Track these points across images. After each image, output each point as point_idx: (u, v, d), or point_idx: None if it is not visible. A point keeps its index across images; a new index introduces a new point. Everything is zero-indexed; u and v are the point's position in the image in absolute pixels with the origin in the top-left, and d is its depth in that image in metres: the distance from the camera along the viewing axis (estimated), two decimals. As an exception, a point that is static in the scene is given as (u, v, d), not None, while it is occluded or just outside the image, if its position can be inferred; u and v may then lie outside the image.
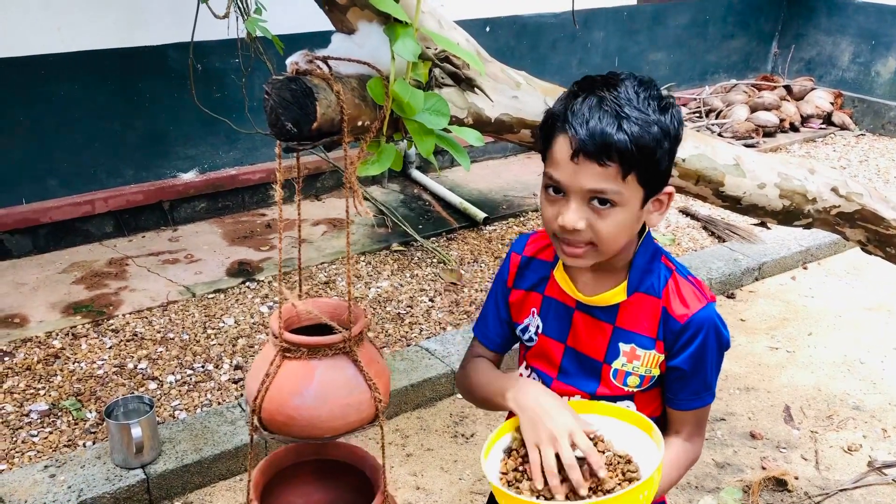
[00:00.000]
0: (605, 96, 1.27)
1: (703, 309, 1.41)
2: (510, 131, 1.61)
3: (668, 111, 1.29)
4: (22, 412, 3.12)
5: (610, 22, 6.38)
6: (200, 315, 3.85)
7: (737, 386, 3.63)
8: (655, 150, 1.26)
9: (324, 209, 4.96)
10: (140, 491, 2.78)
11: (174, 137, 4.67)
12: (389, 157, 1.36)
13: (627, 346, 1.44)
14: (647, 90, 1.29)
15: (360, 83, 1.31)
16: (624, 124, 1.24)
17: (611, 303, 1.44)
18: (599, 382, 1.48)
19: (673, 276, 1.44)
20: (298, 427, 1.40)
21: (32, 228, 4.27)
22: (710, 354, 1.44)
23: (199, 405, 3.23)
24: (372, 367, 1.46)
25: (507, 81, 1.59)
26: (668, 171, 1.33)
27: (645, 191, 1.31)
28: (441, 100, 1.35)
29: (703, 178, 1.80)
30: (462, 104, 1.49)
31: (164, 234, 4.67)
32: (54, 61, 4.13)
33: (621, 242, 1.36)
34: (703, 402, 1.48)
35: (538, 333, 1.54)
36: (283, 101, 1.20)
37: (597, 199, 1.29)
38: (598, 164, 1.25)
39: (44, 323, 3.70)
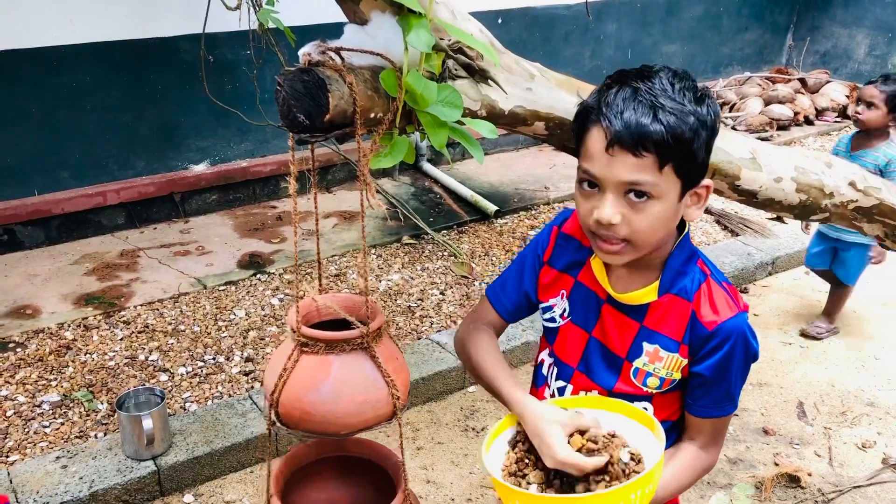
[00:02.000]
0: (640, 87, 1.24)
1: (734, 318, 1.37)
2: (524, 123, 1.59)
3: (704, 102, 1.26)
4: (34, 403, 3.13)
5: (623, 14, 6.34)
6: (211, 307, 3.85)
7: (749, 381, 3.60)
8: (692, 140, 1.24)
9: (335, 202, 4.95)
10: (151, 482, 2.78)
11: (186, 129, 4.66)
12: (402, 149, 1.34)
13: (651, 346, 1.42)
14: (682, 81, 1.26)
15: (372, 75, 1.29)
16: (660, 114, 1.21)
17: (641, 301, 1.41)
18: (619, 378, 1.46)
19: (707, 280, 1.40)
20: (314, 422, 1.39)
21: (44, 220, 4.28)
22: (736, 364, 1.39)
23: (210, 397, 3.23)
24: (390, 363, 1.45)
25: (520, 73, 1.57)
26: (705, 163, 1.30)
27: (682, 183, 1.27)
28: (454, 91, 1.33)
29: (719, 171, 1.78)
30: (475, 96, 1.48)
31: (175, 226, 4.67)
32: (67, 53, 4.13)
33: (658, 237, 1.32)
34: (723, 412, 1.44)
35: (563, 317, 1.52)
36: (295, 93, 1.19)
37: (633, 192, 1.25)
38: (633, 155, 1.23)
39: (56, 314, 3.71)
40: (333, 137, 1.34)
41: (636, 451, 1.33)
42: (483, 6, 5.46)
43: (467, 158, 5.69)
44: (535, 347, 3.48)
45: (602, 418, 1.39)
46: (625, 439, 1.35)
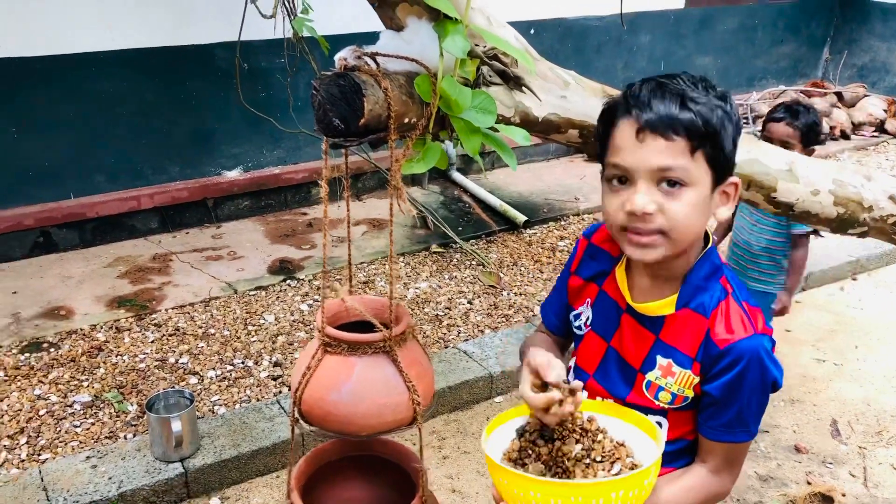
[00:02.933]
0: (666, 82, 1.26)
1: (749, 339, 1.32)
2: (558, 131, 1.58)
3: (727, 100, 1.28)
4: (66, 403, 3.17)
5: (656, 25, 6.31)
6: (241, 311, 3.88)
7: (781, 398, 3.55)
8: (720, 129, 1.25)
9: (364, 209, 4.97)
10: (178, 484, 2.80)
11: (219, 136, 4.72)
12: (435, 155, 1.34)
13: (665, 360, 1.39)
14: (704, 82, 1.28)
15: (407, 80, 1.29)
16: (688, 103, 1.23)
17: (658, 313, 1.39)
18: (632, 390, 1.45)
19: (727, 298, 1.36)
20: (335, 422, 1.40)
21: (79, 223, 4.35)
22: (749, 388, 1.33)
23: (239, 401, 3.24)
24: (413, 368, 1.45)
25: (555, 81, 1.56)
26: (732, 158, 1.30)
27: (713, 173, 1.27)
28: (488, 98, 1.33)
29: (755, 182, 1.75)
30: (510, 103, 1.47)
31: (207, 231, 4.72)
32: (104, 59, 4.20)
33: (694, 230, 1.30)
34: (735, 438, 1.38)
35: (587, 325, 1.52)
36: (331, 97, 1.19)
37: (666, 182, 1.24)
38: (664, 139, 1.23)
39: (89, 316, 3.76)
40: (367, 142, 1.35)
41: (639, 462, 1.32)
42: (516, 16, 5.46)
43: (497, 168, 5.69)
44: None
45: (614, 426, 1.38)
46: (631, 450, 1.34)
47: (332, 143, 1.23)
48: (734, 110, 1.29)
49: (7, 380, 3.28)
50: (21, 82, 4.03)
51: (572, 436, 1.36)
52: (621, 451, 1.35)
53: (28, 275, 4.10)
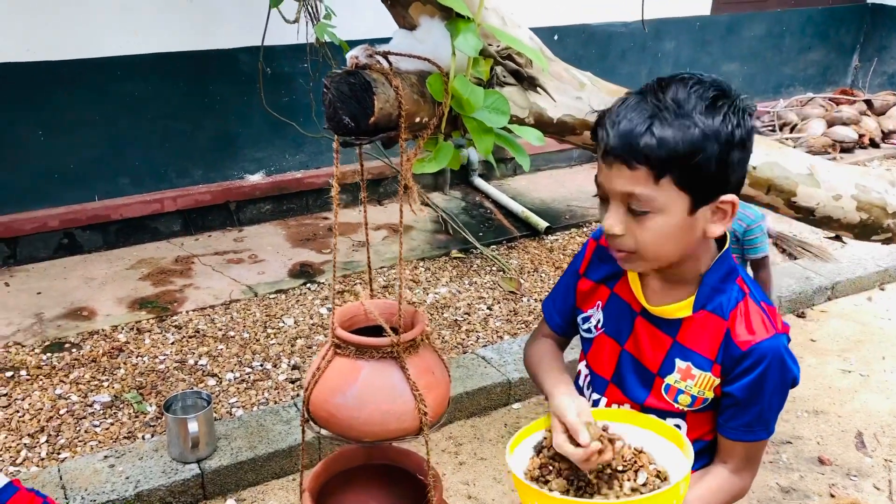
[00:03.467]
0: (648, 97, 1.23)
1: (770, 339, 1.32)
2: (573, 133, 1.57)
3: (722, 113, 1.21)
4: (86, 402, 3.20)
5: (682, 31, 6.26)
6: (261, 314, 3.89)
7: (805, 408, 3.49)
8: (693, 153, 1.19)
9: (385, 214, 4.97)
10: (195, 486, 2.81)
11: (242, 139, 4.75)
12: (447, 155, 1.34)
13: (684, 363, 1.38)
14: (702, 89, 1.22)
15: (419, 79, 1.29)
16: (655, 125, 1.19)
17: (675, 316, 1.38)
18: (650, 393, 1.43)
19: (745, 299, 1.36)
20: (338, 425, 1.39)
21: (103, 224, 4.39)
22: (771, 388, 1.34)
23: (256, 403, 3.25)
24: (424, 377, 1.43)
25: (570, 82, 1.55)
26: (721, 176, 1.24)
27: (690, 197, 1.24)
28: (501, 97, 1.32)
29: (774, 187, 1.73)
30: (524, 103, 1.46)
31: (229, 234, 4.75)
32: (129, 62, 4.24)
33: (668, 252, 1.30)
34: (756, 437, 1.38)
35: (598, 328, 1.49)
36: (341, 95, 1.19)
37: (633, 206, 1.25)
38: (626, 167, 1.22)
39: (110, 317, 3.79)
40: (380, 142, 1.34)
41: (663, 469, 1.30)
42: (538, 22, 5.45)
43: (519, 174, 5.67)
44: (582, 365, 3.44)
45: (631, 433, 1.36)
46: (652, 456, 1.32)
47: (343, 141, 1.23)
48: (729, 123, 1.22)
49: (29, 379, 3.32)
50: (48, 86, 4.08)
51: None
52: (642, 457, 1.34)
53: (52, 276, 4.15)
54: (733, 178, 1.26)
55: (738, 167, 1.26)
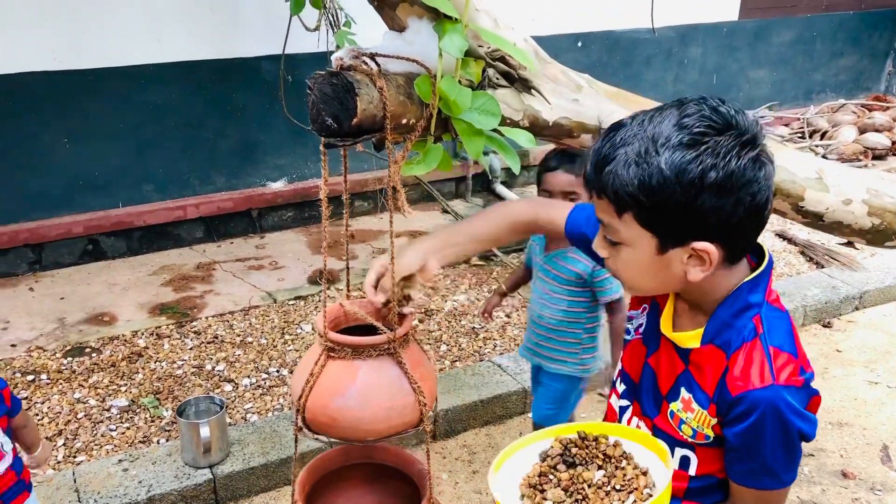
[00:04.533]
0: (637, 123, 1.17)
1: (764, 390, 1.21)
2: (569, 136, 1.55)
3: (697, 152, 1.12)
4: (103, 407, 3.23)
5: (708, 38, 6.19)
6: (280, 321, 3.91)
7: (828, 420, 3.40)
8: (649, 195, 1.13)
9: (406, 222, 4.96)
10: (207, 491, 2.81)
11: (264, 147, 4.78)
12: (436, 157, 1.32)
13: (687, 394, 1.32)
14: (694, 121, 1.13)
15: (406, 81, 1.28)
16: (618, 159, 1.14)
17: (685, 345, 1.32)
18: (658, 414, 1.39)
19: (754, 340, 1.25)
20: (341, 429, 1.38)
21: (127, 231, 4.45)
22: (770, 441, 1.24)
23: (272, 409, 3.26)
24: (417, 369, 1.43)
25: (567, 84, 1.53)
26: (689, 221, 1.16)
27: (655, 237, 1.18)
28: (491, 99, 1.30)
29: (780, 191, 1.69)
30: (517, 106, 1.45)
31: (251, 241, 4.78)
32: (153, 71, 4.30)
33: (646, 285, 1.28)
34: (762, 485, 1.28)
35: (637, 332, 1.44)
36: (323, 96, 1.18)
37: (606, 234, 1.23)
38: (596, 195, 1.20)
39: (131, 322, 3.84)
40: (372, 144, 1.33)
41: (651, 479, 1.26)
42: (562, 29, 5.43)
43: (542, 182, 5.63)
44: (599, 374, 3.39)
45: (639, 454, 1.33)
46: (652, 479, 1.29)
47: (326, 142, 1.22)
48: (698, 165, 1.12)
49: (49, 383, 3.36)
50: (74, 94, 4.16)
51: (595, 461, 1.31)
52: (641, 480, 1.29)
53: (76, 281, 4.21)
54: (710, 223, 1.15)
55: (713, 213, 1.14)
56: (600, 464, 1.30)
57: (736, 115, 1.15)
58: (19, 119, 4.10)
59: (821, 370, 3.74)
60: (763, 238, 1.28)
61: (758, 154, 1.14)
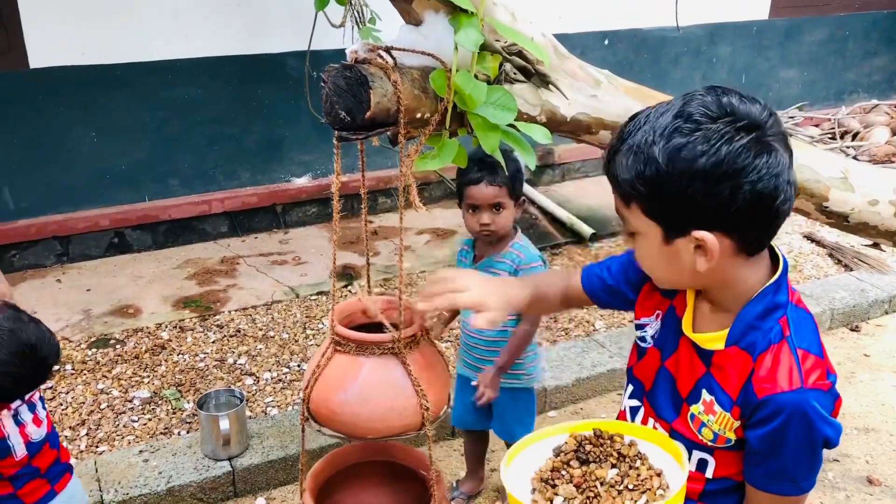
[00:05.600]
0: (644, 116, 1.18)
1: (792, 393, 1.19)
2: (588, 132, 1.53)
3: (687, 140, 1.11)
4: (126, 398, 3.26)
5: (738, 37, 6.11)
6: (301, 315, 3.93)
7: (854, 425, 3.34)
8: (646, 185, 1.14)
9: (429, 219, 4.97)
10: (225, 483, 2.83)
11: (289, 143, 4.81)
12: (451, 152, 1.31)
13: (709, 396, 1.29)
14: (693, 109, 1.13)
15: (422, 75, 1.27)
16: (623, 152, 1.17)
17: (708, 346, 1.29)
18: (678, 417, 1.37)
19: (781, 342, 1.23)
20: (340, 424, 1.38)
21: (153, 225, 4.50)
22: (793, 445, 1.22)
23: (292, 403, 3.27)
24: (425, 372, 1.42)
25: (585, 79, 1.51)
26: (685, 210, 1.15)
27: (659, 226, 1.19)
28: (507, 94, 1.29)
29: (804, 190, 1.66)
30: (535, 101, 1.43)
31: (275, 236, 4.81)
32: (181, 66, 4.34)
33: (664, 276, 1.29)
34: (782, 491, 1.26)
35: (653, 338, 1.42)
36: (337, 89, 1.18)
37: (626, 227, 1.26)
38: (612, 188, 1.23)
39: (155, 314, 3.87)
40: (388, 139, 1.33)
41: (665, 481, 1.25)
42: (588, 27, 5.40)
43: (567, 180, 5.60)
44: (620, 375, 3.36)
45: (655, 455, 1.31)
46: (666, 481, 1.27)
47: (340, 136, 1.22)
48: (689, 152, 1.11)
49: (74, 373, 3.41)
50: (102, 89, 4.21)
51: (609, 460, 1.30)
52: (655, 481, 1.28)
53: (102, 273, 4.26)
54: (707, 211, 1.14)
55: (708, 200, 1.12)
56: (614, 462, 1.29)
57: (737, 104, 1.13)
58: (49, 113, 4.15)
59: (848, 374, 3.68)
60: (790, 240, 1.26)
61: (756, 140, 1.11)
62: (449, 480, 2.96)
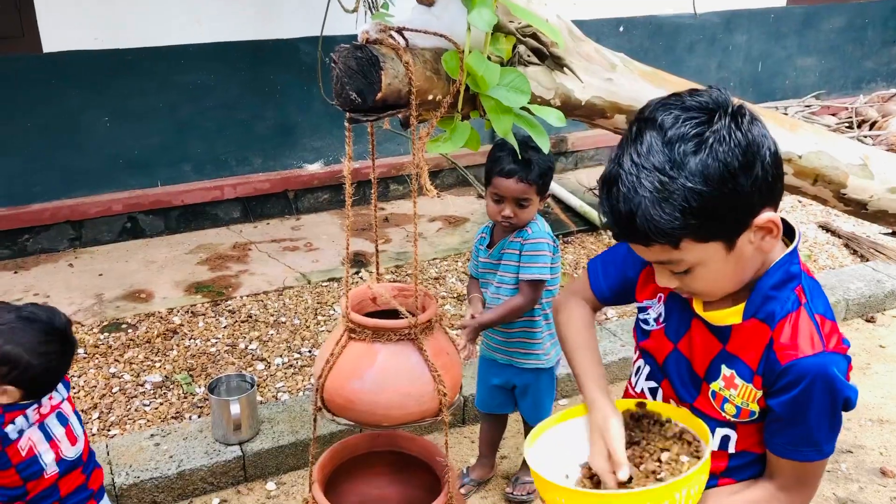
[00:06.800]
0: (624, 161, 1.14)
1: (815, 357, 1.22)
2: (602, 116, 1.51)
3: (708, 147, 1.11)
4: (138, 382, 3.27)
5: (755, 24, 6.04)
6: (313, 301, 3.92)
7: (869, 417, 3.31)
8: (693, 215, 1.11)
9: (441, 206, 4.95)
10: (236, 467, 2.84)
11: (302, 129, 4.79)
12: (463, 135, 1.30)
13: (729, 371, 1.31)
14: (680, 124, 1.12)
15: (434, 56, 1.25)
16: (643, 207, 1.11)
17: (724, 323, 1.30)
18: (698, 396, 1.37)
19: (798, 310, 1.26)
20: (356, 412, 1.37)
21: (165, 210, 4.50)
22: (817, 409, 1.24)
23: (302, 388, 3.27)
24: (440, 358, 1.41)
25: (601, 62, 1.49)
26: (740, 209, 1.15)
27: (719, 242, 1.17)
28: (521, 76, 1.27)
29: (821, 177, 1.63)
30: (549, 84, 1.41)
31: (287, 223, 4.81)
32: (193, 51, 4.33)
33: (729, 286, 1.25)
34: (804, 457, 1.28)
35: (658, 322, 1.43)
36: (348, 70, 1.17)
37: (671, 269, 1.22)
38: (643, 246, 1.19)
39: (167, 299, 3.88)
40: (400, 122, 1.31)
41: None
42: (604, 13, 5.34)
43: (581, 168, 5.57)
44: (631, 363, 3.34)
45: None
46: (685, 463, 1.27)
47: (350, 117, 1.20)
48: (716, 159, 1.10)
49: (86, 357, 3.42)
50: (114, 73, 4.20)
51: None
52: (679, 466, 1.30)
53: (114, 258, 4.27)
54: (756, 198, 1.16)
55: (754, 187, 1.14)
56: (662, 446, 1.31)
57: (704, 98, 1.15)
58: (62, 98, 4.16)
59: (862, 365, 3.64)
60: (805, 230, 1.26)
61: (744, 114, 1.15)
62: (459, 467, 2.96)
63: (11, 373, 1.74)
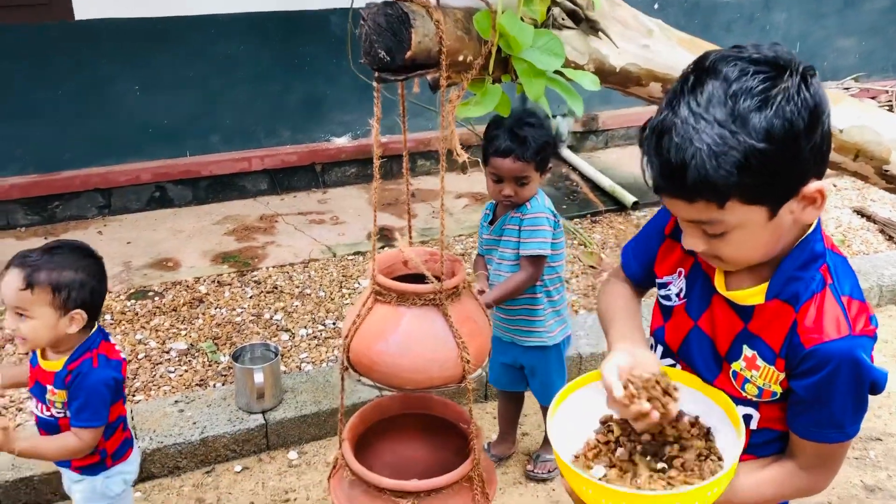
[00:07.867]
0: (681, 107, 1.08)
1: (840, 340, 1.18)
2: (637, 84, 1.47)
3: (776, 104, 1.06)
4: (163, 349, 3.30)
5: (794, 3, 5.90)
6: (338, 274, 3.92)
7: (900, 405, 3.25)
8: (749, 172, 1.06)
9: (468, 182, 4.91)
10: (258, 436, 2.85)
11: (330, 102, 4.77)
12: (493, 98, 1.27)
13: (751, 351, 1.27)
14: (748, 77, 1.07)
15: (465, 15, 1.22)
16: (697, 158, 1.05)
17: (747, 302, 1.26)
18: (719, 376, 1.33)
19: (824, 291, 1.21)
20: (380, 373, 1.36)
21: (194, 180, 4.51)
22: (842, 392, 1.20)
23: (326, 360, 3.28)
24: (466, 325, 1.39)
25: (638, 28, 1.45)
26: (794, 173, 1.10)
27: (765, 206, 1.12)
28: (554, 38, 1.24)
29: (863, 152, 1.58)
30: (583, 48, 1.37)
31: (314, 196, 4.80)
32: (224, 21, 4.32)
33: (758, 256, 1.20)
34: (827, 438, 1.25)
35: (680, 297, 1.39)
36: (377, 27, 1.14)
37: (707, 230, 1.16)
38: (684, 201, 1.12)
39: (194, 269, 3.90)
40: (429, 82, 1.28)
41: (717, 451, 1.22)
42: (639, -11, 5.24)
43: (609, 147, 5.49)
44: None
45: (693, 401, 1.29)
46: (713, 434, 1.24)
47: (378, 76, 1.18)
48: (784, 118, 1.06)
49: (113, 323, 3.45)
50: (145, 42, 4.21)
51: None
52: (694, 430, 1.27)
53: (142, 227, 4.30)
54: (811, 165, 1.11)
55: (811, 153, 1.10)
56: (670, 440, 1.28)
57: (769, 53, 1.09)
58: (93, 66, 4.17)
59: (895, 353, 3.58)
60: (839, 214, 1.21)
61: (814, 74, 1.10)
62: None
63: (72, 295, 1.78)
